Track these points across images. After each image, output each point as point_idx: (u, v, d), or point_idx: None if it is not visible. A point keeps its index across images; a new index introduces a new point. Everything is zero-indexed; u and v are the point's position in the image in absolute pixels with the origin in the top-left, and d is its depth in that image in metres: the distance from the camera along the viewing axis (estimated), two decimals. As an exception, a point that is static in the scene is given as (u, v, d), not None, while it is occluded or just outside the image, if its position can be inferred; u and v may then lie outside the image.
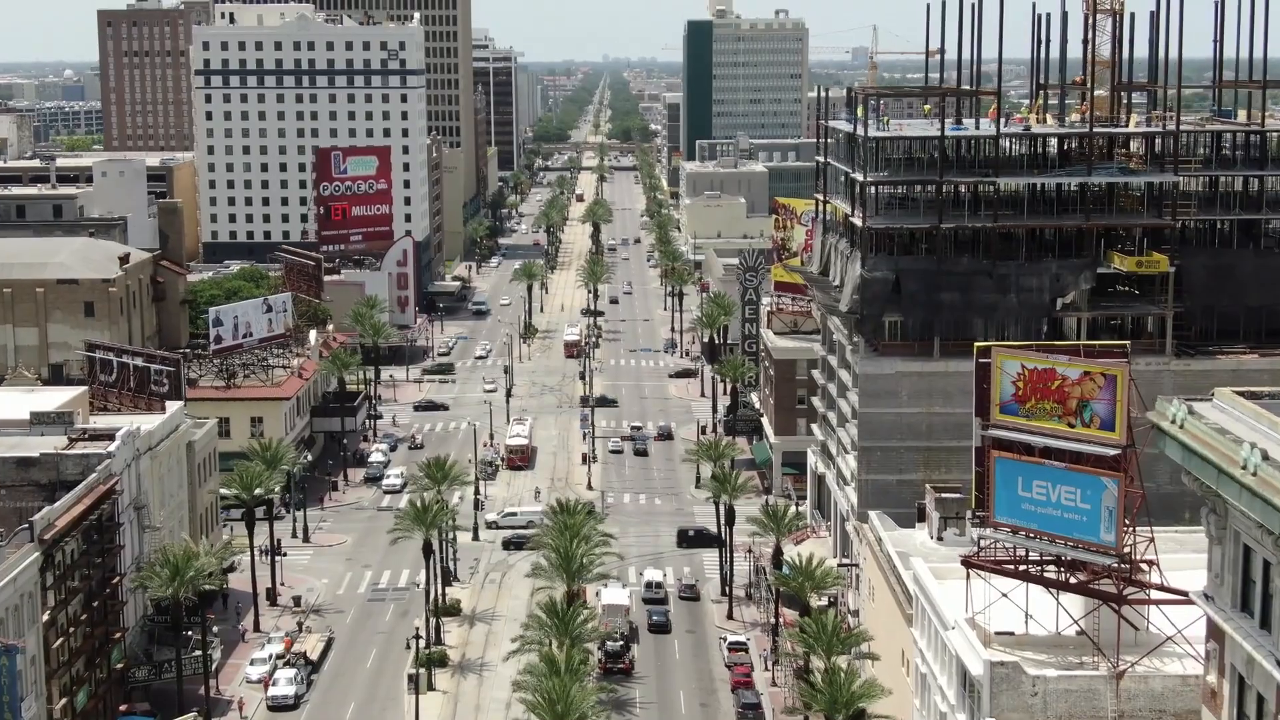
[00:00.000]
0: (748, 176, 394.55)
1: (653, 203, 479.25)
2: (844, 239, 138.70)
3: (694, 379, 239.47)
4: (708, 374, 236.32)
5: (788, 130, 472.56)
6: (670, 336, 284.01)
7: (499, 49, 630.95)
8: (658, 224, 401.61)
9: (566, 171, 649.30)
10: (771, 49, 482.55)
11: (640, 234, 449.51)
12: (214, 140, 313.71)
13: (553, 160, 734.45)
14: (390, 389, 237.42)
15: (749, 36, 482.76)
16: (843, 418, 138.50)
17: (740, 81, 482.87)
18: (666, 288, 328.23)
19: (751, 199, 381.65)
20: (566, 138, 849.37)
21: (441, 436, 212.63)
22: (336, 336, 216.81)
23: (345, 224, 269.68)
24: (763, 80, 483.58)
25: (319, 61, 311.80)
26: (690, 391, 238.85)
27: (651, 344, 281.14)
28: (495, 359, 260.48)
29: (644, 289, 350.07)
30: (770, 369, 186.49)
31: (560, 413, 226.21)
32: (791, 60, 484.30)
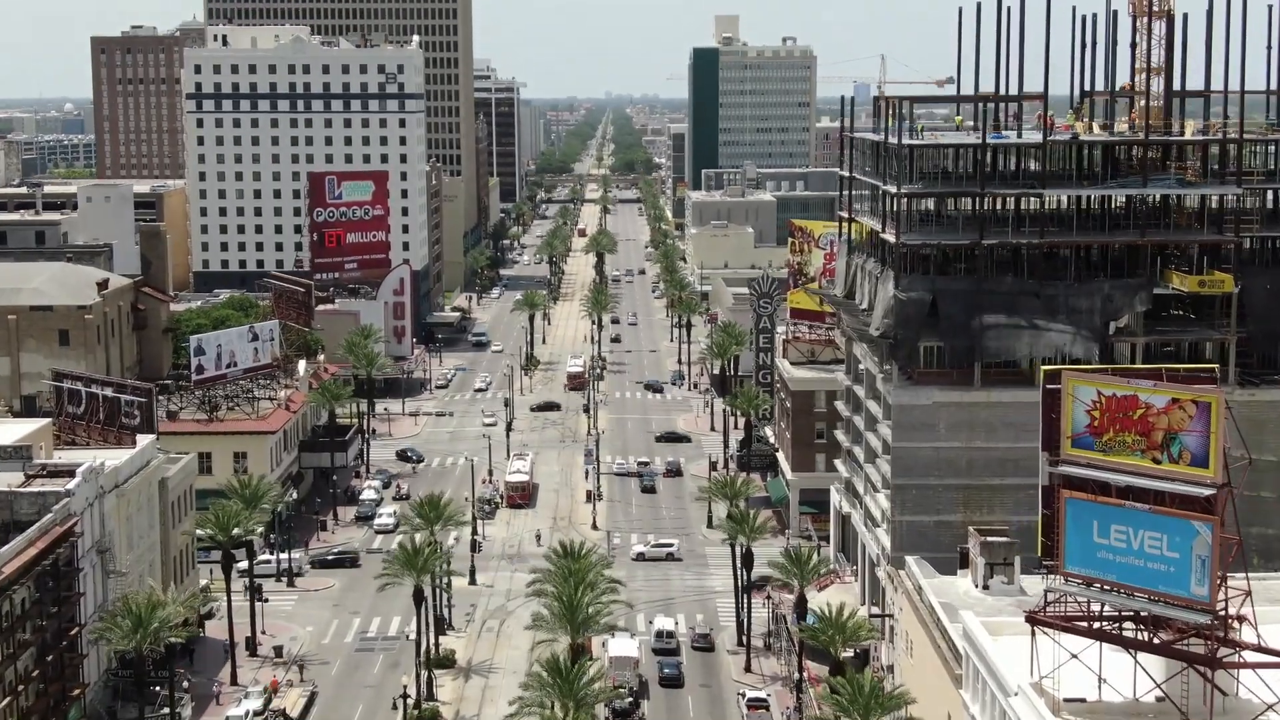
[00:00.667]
0: (755, 205, 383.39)
1: (657, 233, 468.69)
2: (871, 258, 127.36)
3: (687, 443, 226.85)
4: (718, 406, 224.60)
5: (795, 160, 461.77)
6: (677, 368, 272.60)
7: (501, 80, 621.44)
8: (663, 253, 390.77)
9: (569, 203, 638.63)
10: (779, 77, 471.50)
11: (645, 265, 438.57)
12: (205, 166, 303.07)
13: (555, 192, 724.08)
14: (385, 422, 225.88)
15: (755, 64, 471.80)
16: (872, 453, 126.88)
17: (747, 110, 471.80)
18: (672, 318, 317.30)
19: (759, 228, 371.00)
20: (569, 170, 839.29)
21: (439, 472, 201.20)
22: (328, 367, 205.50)
23: (340, 251, 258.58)
24: (770, 109, 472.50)
25: (314, 85, 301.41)
26: (700, 425, 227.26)
27: (658, 376, 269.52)
28: (495, 391, 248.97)
29: (649, 319, 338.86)
30: (786, 401, 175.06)
31: (563, 447, 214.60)
32: (799, 89, 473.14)
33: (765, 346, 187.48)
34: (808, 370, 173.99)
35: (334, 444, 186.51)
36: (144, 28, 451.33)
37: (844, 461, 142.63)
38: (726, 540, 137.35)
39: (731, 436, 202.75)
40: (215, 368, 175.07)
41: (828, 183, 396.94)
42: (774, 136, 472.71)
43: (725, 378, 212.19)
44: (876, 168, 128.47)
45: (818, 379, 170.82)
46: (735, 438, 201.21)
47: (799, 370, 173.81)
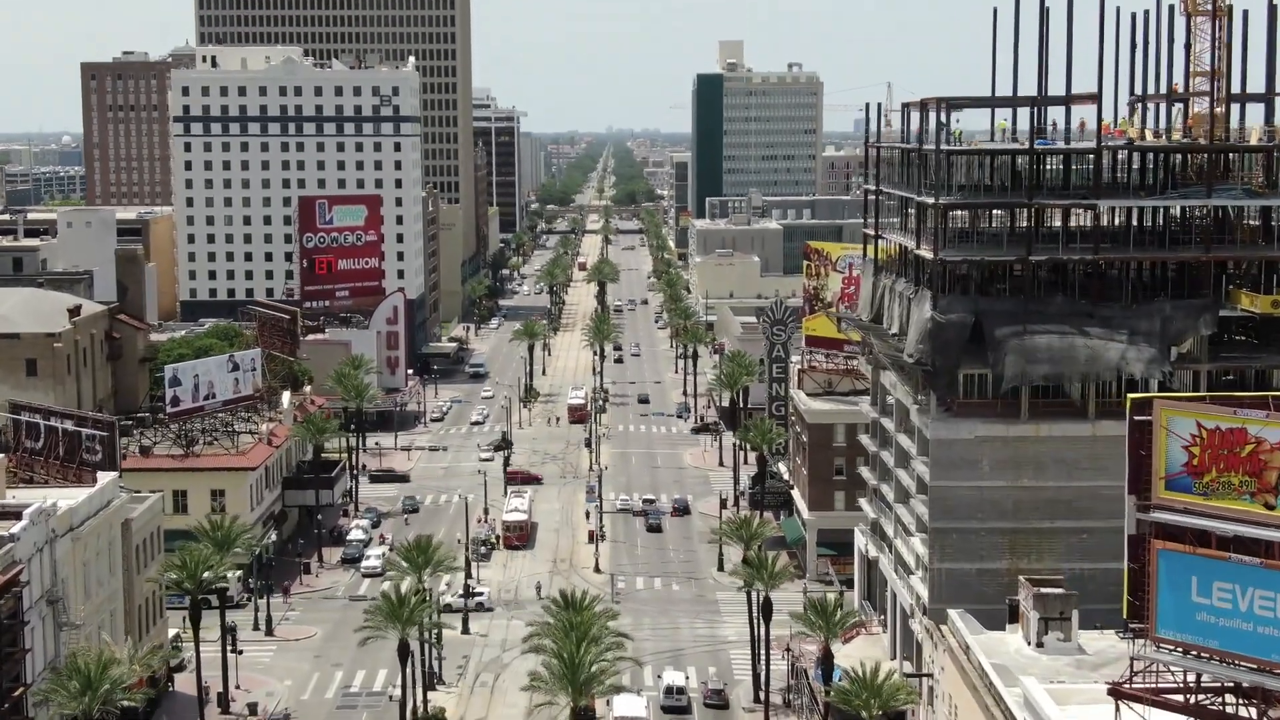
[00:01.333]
0: (761, 234, 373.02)
1: (660, 263, 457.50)
2: (901, 279, 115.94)
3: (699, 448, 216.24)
4: (727, 441, 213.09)
5: (801, 188, 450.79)
6: (683, 400, 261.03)
7: (501, 109, 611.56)
8: (666, 282, 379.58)
9: (570, 233, 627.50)
10: (784, 104, 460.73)
11: (647, 295, 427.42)
12: (193, 191, 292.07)
13: (556, 223, 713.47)
14: (376, 457, 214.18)
15: (761, 91, 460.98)
16: (904, 492, 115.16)
17: (752, 137, 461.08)
18: (677, 349, 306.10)
19: (766, 257, 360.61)
20: (570, 201, 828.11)
21: (431, 511, 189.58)
22: (315, 399, 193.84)
23: (331, 278, 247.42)
24: (775, 136, 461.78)
25: (306, 108, 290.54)
26: (708, 460, 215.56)
27: (664, 408, 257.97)
28: (493, 424, 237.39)
29: (653, 350, 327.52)
30: (803, 435, 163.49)
31: (564, 484, 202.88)
32: (805, 115, 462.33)
33: (779, 376, 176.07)
34: (825, 402, 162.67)
35: (319, 481, 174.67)
36: (135, 53, 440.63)
37: (870, 501, 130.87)
38: (743, 588, 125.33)
39: (742, 472, 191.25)
40: (192, 399, 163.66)
41: (835, 210, 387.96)
42: (779, 164, 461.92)
43: (735, 410, 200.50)
44: (908, 179, 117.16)
45: (836, 411, 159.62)
46: (746, 473, 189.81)
47: (816, 402, 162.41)
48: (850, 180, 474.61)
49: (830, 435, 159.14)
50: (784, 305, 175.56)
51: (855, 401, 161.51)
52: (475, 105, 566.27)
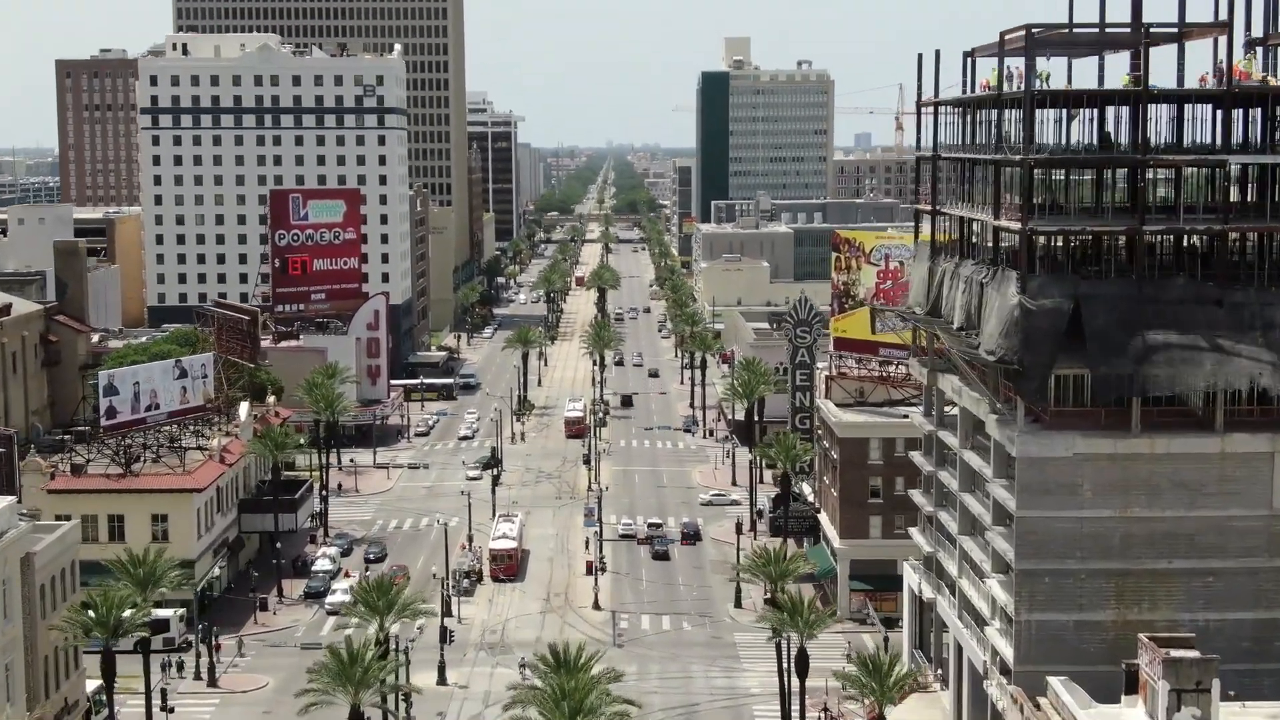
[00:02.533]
0: (771, 238, 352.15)
1: (663, 270, 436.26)
2: (969, 261, 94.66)
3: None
4: (741, 458, 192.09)
5: (812, 191, 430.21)
6: (690, 413, 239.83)
7: (498, 114, 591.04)
8: (671, 287, 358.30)
9: (570, 241, 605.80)
10: (793, 103, 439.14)
11: (650, 304, 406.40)
12: (162, 189, 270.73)
13: (555, 233, 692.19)
14: (352, 476, 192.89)
15: (769, 89, 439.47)
16: (974, 523, 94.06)
17: (760, 138, 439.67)
18: (682, 359, 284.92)
19: (775, 262, 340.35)
20: (570, 211, 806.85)
21: (410, 536, 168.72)
22: (279, 411, 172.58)
23: (305, 279, 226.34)
24: (784, 137, 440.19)
25: (284, 98, 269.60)
26: (719, 479, 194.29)
27: (669, 421, 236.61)
28: (483, 439, 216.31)
29: (657, 360, 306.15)
30: (832, 451, 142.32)
31: (559, 506, 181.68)
32: (815, 115, 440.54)
33: (803, 384, 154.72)
34: (858, 413, 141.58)
35: (280, 503, 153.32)
36: (113, 51, 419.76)
37: (924, 531, 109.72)
38: (772, 638, 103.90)
39: (760, 493, 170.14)
40: (131, 410, 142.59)
41: (848, 214, 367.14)
42: (788, 166, 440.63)
43: (751, 424, 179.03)
44: (973, 138, 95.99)
45: (871, 424, 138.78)
46: (765, 495, 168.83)
47: (848, 413, 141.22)
48: (860, 185, 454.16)
49: (864, 452, 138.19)
50: (809, 304, 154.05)
51: (892, 413, 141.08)
52: (471, 110, 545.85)
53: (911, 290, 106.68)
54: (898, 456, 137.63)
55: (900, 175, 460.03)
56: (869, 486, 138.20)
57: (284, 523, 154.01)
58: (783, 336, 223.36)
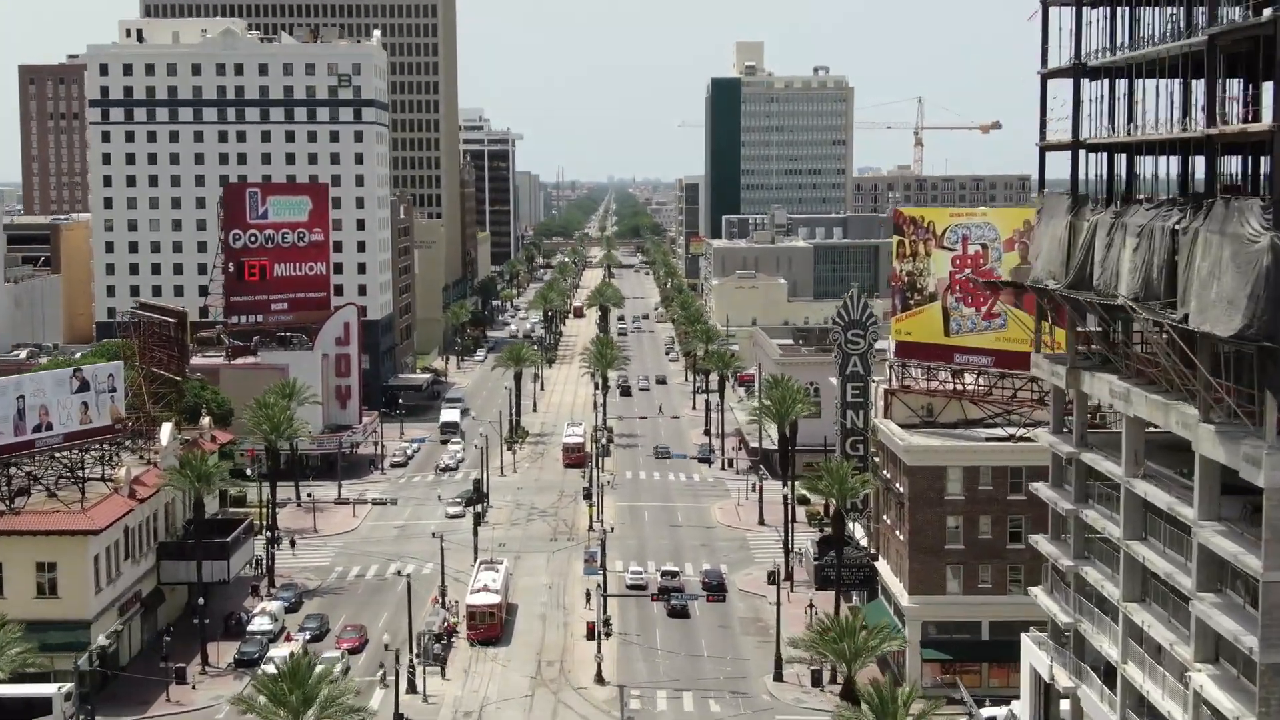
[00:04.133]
0: (789, 254, 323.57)
1: (670, 289, 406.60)
2: (1141, 206, 65.33)
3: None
4: (770, 491, 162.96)
5: (830, 205, 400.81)
6: (705, 440, 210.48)
7: (495, 131, 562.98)
8: (680, 303, 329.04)
9: (571, 261, 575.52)
10: (810, 111, 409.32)
11: (656, 325, 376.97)
12: (113, 190, 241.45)
13: (555, 258, 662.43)
14: (309, 513, 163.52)
15: (784, 97, 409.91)
16: (1156, 587, 64.28)
17: (774, 149, 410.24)
18: (694, 383, 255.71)
19: (793, 279, 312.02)
20: (570, 236, 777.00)
21: (374, 587, 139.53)
22: (215, 434, 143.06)
23: (264, 286, 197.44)
24: (799, 148, 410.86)
25: (249, 89, 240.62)
26: (744, 517, 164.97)
27: (682, 449, 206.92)
28: (470, 470, 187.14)
29: (666, 385, 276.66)
30: (896, 483, 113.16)
31: (555, 551, 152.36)
32: (833, 125, 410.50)
33: (855, 400, 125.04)
34: (929, 435, 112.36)
35: (207, 548, 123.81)
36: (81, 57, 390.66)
37: (1055, 592, 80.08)
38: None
39: (797, 534, 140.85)
40: (15, 432, 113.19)
41: (869, 229, 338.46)
42: (804, 179, 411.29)
43: (786, 452, 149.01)
44: (1136, 33, 66.88)
45: (951, 449, 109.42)
46: (804, 536, 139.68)
47: (917, 436, 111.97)
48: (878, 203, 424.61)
49: (940, 484, 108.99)
50: (863, 301, 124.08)
51: (970, 435, 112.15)
52: (467, 126, 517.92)
53: (1041, 258, 77.02)
54: (983, 490, 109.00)
55: (920, 193, 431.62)
56: (946, 528, 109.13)
57: (212, 572, 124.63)
58: (811, 353, 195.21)
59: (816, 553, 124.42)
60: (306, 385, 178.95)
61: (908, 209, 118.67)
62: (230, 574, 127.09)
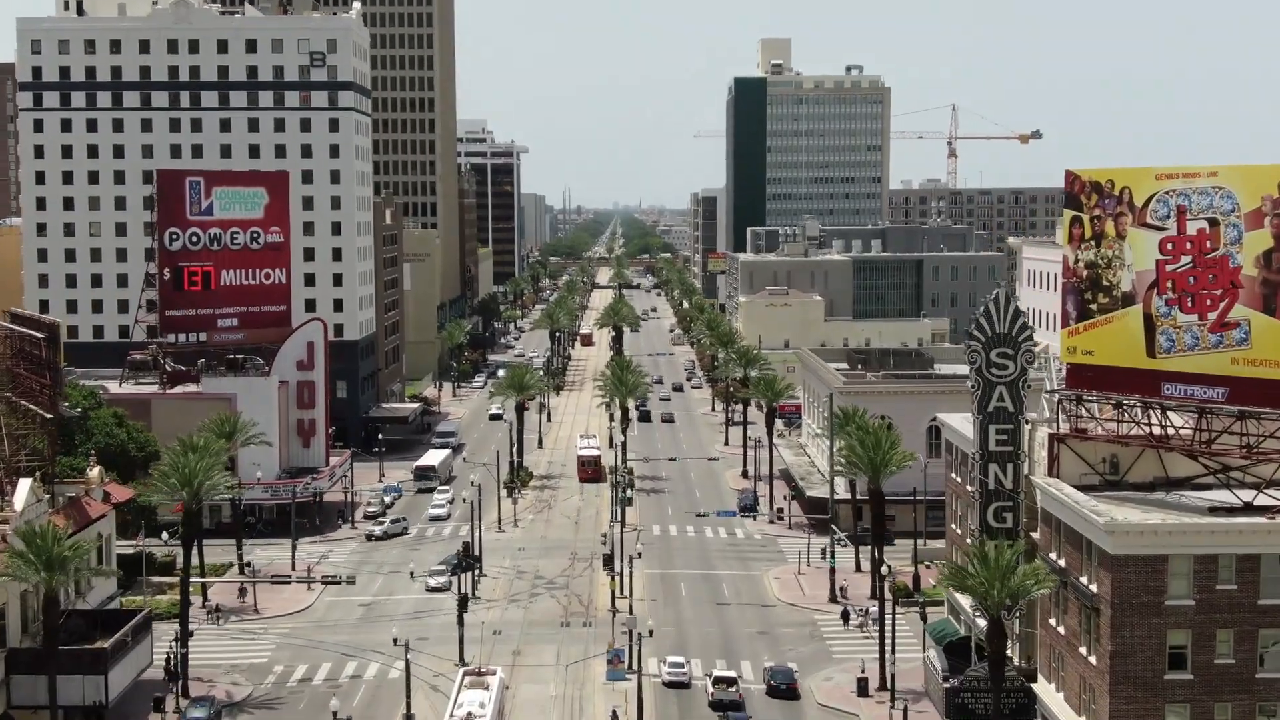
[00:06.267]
0: (824, 267, 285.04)
1: (690, 308, 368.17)
2: None
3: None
4: (842, 555, 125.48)
5: (864, 217, 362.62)
6: (747, 485, 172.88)
7: (499, 143, 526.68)
8: (707, 323, 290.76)
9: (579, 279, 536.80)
10: (842, 114, 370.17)
11: (674, 351, 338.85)
12: (46, 188, 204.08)
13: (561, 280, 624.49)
14: (244, 594, 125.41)
15: (813, 99, 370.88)
16: None
17: (802, 155, 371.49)
18: (728, 415, 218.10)
19: (830, 296, 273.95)
20: (578, 256, 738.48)
21: (321, 701, 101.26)
22: (108, 491, 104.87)
23: (208, 298, 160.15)
24: (831, 154, 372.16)
25: (205, 70, 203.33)
26: (809, 593, 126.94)
27: (718, 499, 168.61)
28: (459, 524, 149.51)
29: (689, 414, 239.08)
30: (1085, 578, 75.37)
31: (566, 640, 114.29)
32: (869, 129, 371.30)
33: (1003, 448, 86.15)
34: (1127, 503, 74.74)
35: (78, 658, 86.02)
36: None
37: None
38: None
39: (906, 632, 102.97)
40: None
41: (912, 242, 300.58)
42: (836, 188, 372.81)
43: (879, 515, 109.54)
44: None
45: (1179, 529, 71.81)
46: (916, 634, 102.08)
47: (1107, 503, 74.26)
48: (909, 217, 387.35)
49: (1160, 582, 71.44)
50: (1011, 307, 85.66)
51: (1186, 501, 74.83)
52: (470, 138, 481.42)
53: None
54: (1223, 591, 71.35)
55: (955, 208, 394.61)
56: (1167, 649, 71.30)
57: (82, 692, 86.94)
58: (879, 379, 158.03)
59: (946, 668, 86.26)
60: (253, 421, 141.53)
61: (1086, 170, 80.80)
62: (109, 694, 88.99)
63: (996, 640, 76.64)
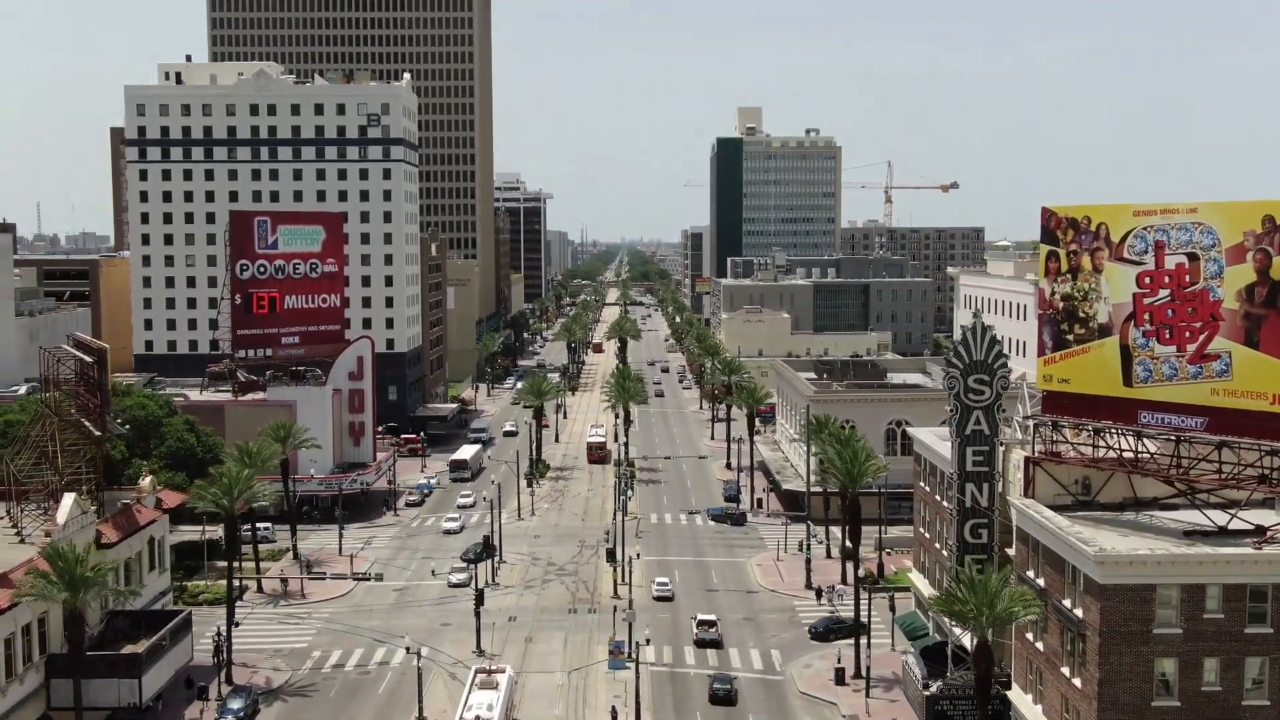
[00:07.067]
0: (790, 290, 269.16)
1: (681, 322, 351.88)
2: None
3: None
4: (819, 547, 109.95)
5: (820, 250, 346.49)
6: (731, 475, 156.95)
7: (529, 191, 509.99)
8: (696, 336, 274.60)
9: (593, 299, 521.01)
10: (803, 167, 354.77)
11: (668, 358, 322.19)
12: (150, 227, 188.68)
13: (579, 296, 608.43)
14: (288, 584, 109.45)
15: (780, 155, 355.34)
16: None
17: (771, 200, 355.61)
18: (714, 413, 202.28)
19: (795, 314, 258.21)
20: (593, 279, 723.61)
21: (352, 688, 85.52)
22: (161, 498, 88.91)
23: (273, 319, 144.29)
24: (794, 199, 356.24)
25: (281, 129, 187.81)
26: (788, 579, 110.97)
27: (706, 494, 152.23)
28: (484, 515, 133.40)
29: (681, 414, 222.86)
30: (1070, 604, 59.26)
31: (574, 627, 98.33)
32: (824, 179, 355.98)
33: (979, 468, 70.51)
34: (1107, 530, 58.68)
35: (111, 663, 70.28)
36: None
37: None
38: None
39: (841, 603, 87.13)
40: None
41: (860, 269, 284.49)
42: (798, 226, 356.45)
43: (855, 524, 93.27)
44: None
45: (1168, 560, 55.68)
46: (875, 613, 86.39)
47: (1090, 527, 58.22)
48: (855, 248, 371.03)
49: (1148, 611, 55.29)
50: (987, 335, 69.99)
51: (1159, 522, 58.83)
52: (506, 188, 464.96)
53: None
54: (1209, 619, 55.23)
55: (892, 243, 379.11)
56: (1154, 678, 55.26)
57: (115, 694, 71.21)
58: (843, 388, 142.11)
59: (925, 674, 70.33)
60: (305, 427, 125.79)
61: (1063, 207, 65.31)
62: (143, 696, 73.14)
63: (984, 663, 60.70)
